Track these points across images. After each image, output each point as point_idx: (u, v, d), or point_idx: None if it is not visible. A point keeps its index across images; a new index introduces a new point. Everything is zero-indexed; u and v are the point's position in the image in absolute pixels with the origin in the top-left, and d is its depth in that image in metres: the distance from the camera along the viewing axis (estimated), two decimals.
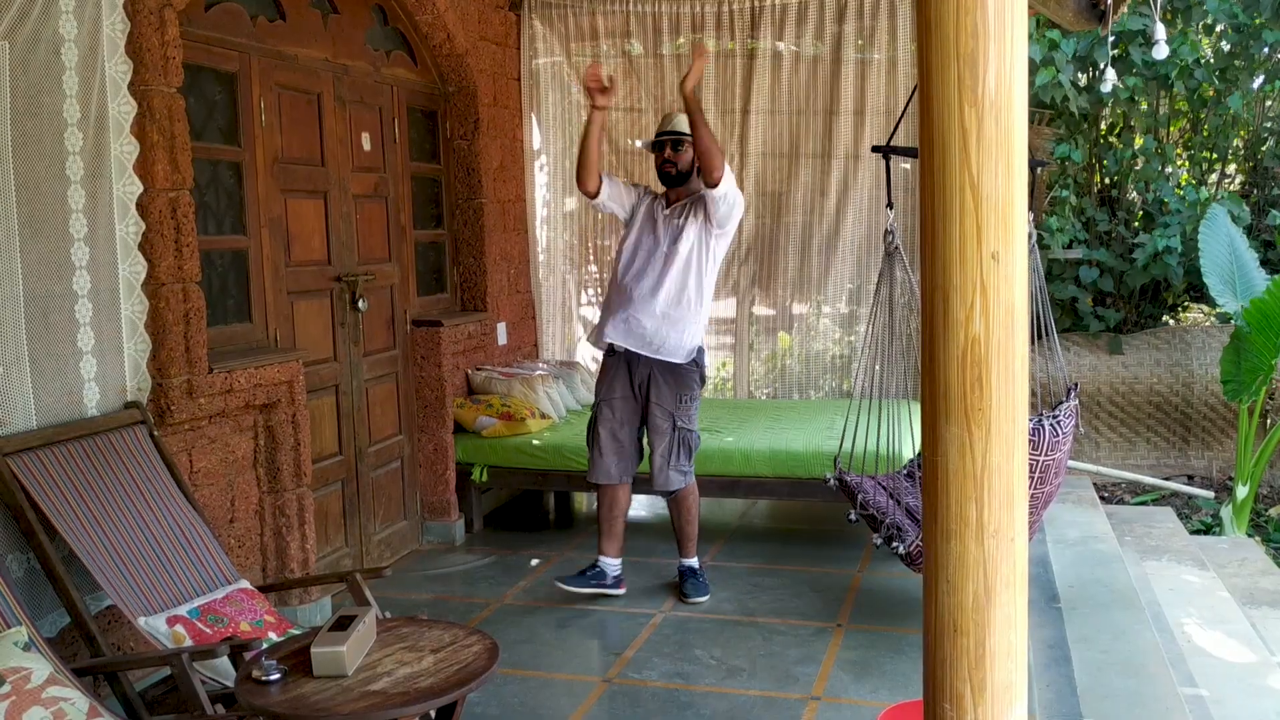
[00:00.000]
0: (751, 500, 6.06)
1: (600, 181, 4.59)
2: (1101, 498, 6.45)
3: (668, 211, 4.59)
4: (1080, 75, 7.08)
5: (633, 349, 4.55)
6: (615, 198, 4.67)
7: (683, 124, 4.53)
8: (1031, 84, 6.74)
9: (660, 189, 4.72)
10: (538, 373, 6.07)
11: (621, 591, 4.71)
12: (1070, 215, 7.08)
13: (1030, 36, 6.55)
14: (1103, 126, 7.74)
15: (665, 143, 4.57)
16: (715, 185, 4.35)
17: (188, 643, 3.11)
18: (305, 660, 2.66)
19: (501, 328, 6.22)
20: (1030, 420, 3.87)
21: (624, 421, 4.64)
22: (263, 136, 4.37)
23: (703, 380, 4.69)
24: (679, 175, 4.58)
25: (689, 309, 4.55)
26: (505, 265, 6.25)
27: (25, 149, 3.17)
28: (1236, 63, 7.24)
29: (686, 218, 4.53)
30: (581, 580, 4.66)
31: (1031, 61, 6.68)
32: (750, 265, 6.66)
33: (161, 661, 2.93)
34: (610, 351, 4.65)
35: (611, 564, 4.71)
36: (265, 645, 3.07)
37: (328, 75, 4.79)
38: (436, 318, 5.54)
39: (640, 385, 4.62)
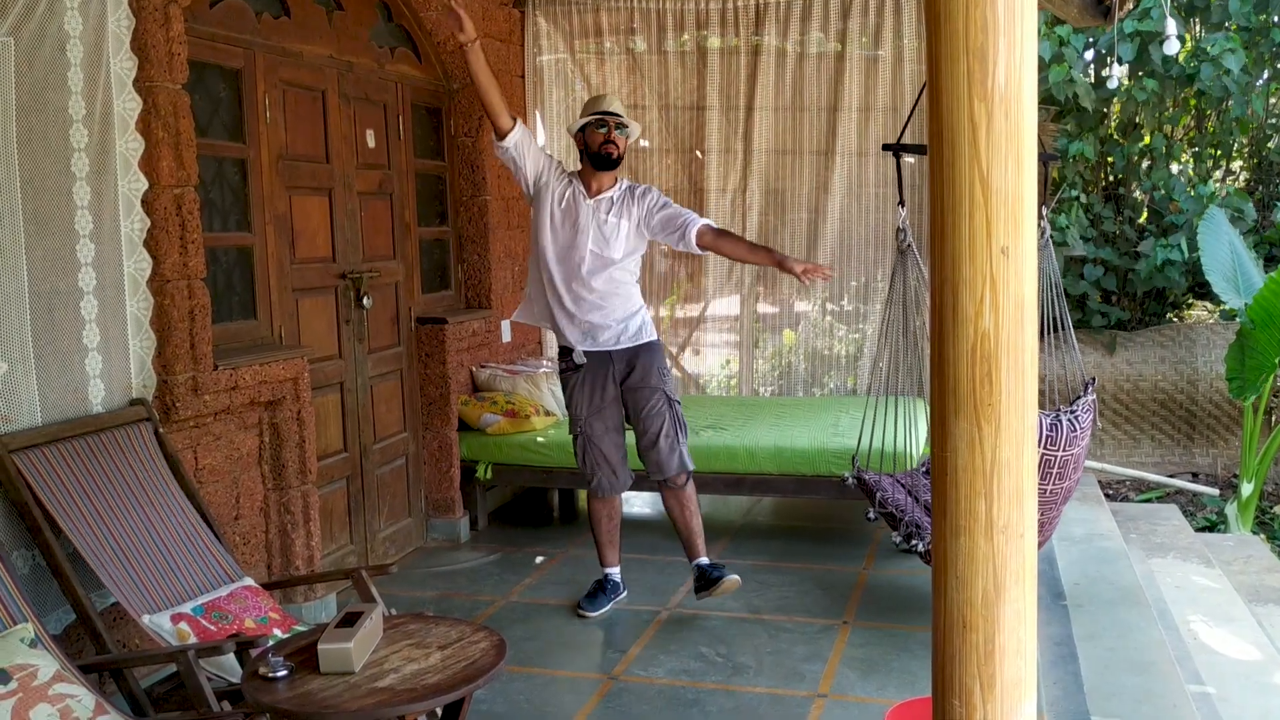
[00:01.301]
0: (756, 498, 6.05)
1: (513, 125, 4.24)
2: (1106, 495, 6.45)
3: (592, 203, 4.29)
4: (1089, 72, 7.07)
5: (610, 349, 4.36)
6: (522, 149, 4.27)
7: (620, 108, 4.31)
8: (1043, 81, 6.74)
9: (573, 169, 4.45)
10: (542, 370, 6.07)
11: (626, 593, 4.66)
12: (1080, 213, 7.07)
13: (1039, 34, 6.54)
14: (1112, 124, 7.73)
15: (609, 122, 4.22)
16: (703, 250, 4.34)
17: (193, 640, 3.11)
18: (311, 657, 2.65)
19: (505, 325, 6.21)
20: (1048, 415, 3.86)
21: (617, 427, 4.44)
22: (267, 133, 4.36)
23: None
24: (617, 159, 4.28)
25: (633, 293, 4.39)
26: (509, 262, 6.24)
27: (31, 145, 3.17)
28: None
29: (620, 217, 4.29)
30: (604, 601, 4.51)
31: (1041, 59, 6.68)
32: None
33: (168, 658, 2.92)
34: (573, 365, 4.39)
35: (617, 572, 4.62)
36: (271, 642, 3.07)
37: (332, 72, 4.79)
38: (441, 315, 5.54)
39: (622, 379, 4.39)
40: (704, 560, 4.51)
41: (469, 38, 4.07)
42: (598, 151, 4.26)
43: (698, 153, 6.64)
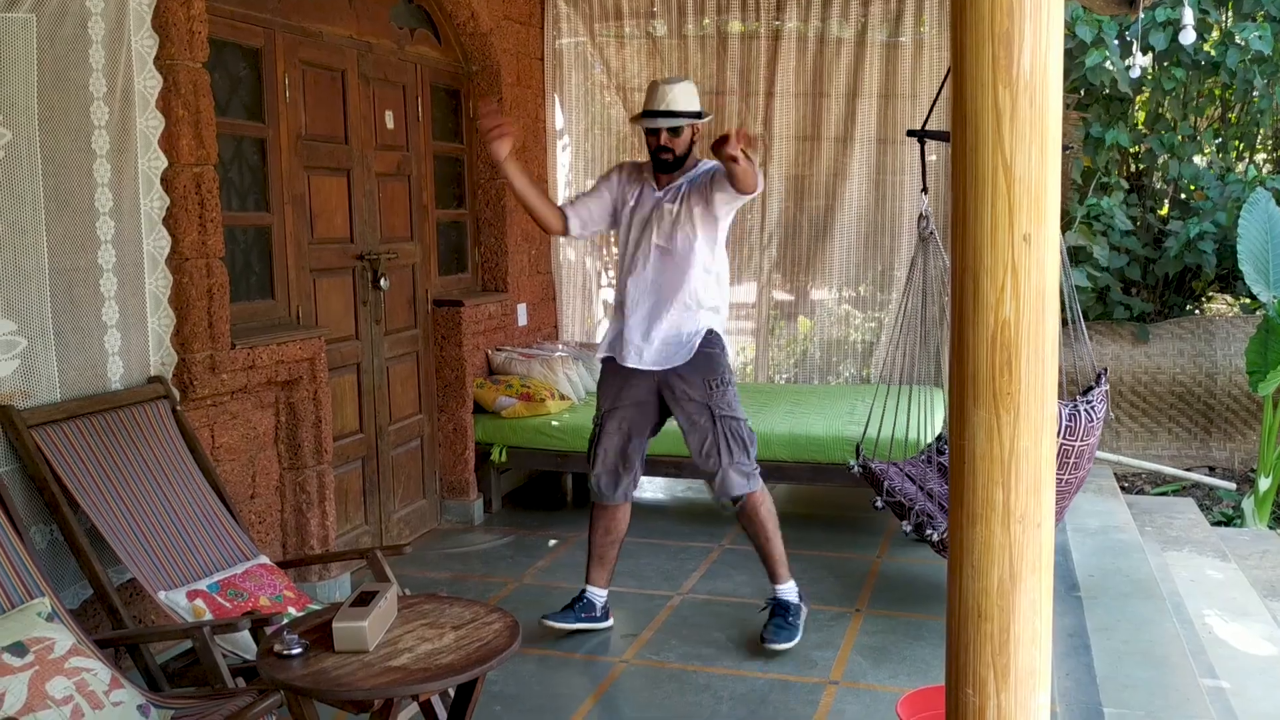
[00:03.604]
0: (770, 484, 6.03)
1: (564, 218, 4.01)
2: (1122, 487, 6.42)
3: (659, 193, 3.96)
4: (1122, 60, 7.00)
5: (649, 369, 3.99)
6: (591, 220, 4.04)
7: (679, 100, 3.87)
8: (1079, 67, 6.67)
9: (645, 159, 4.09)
10: (557, 354, 6.07)
11: (610, 624, 4.22)
12: (1122, 196, 7.01)
13: (1079, 18, 6.47)
14: (1138, 115, 7.67)
15: (661, 129, 3.88)
16: (750, 192, 3.81)
17: (208, 617, 3.13)
18: (326, 635, 2.66)
19: (522, 308, 6.22)
20: (1066, 405, 3.85)
21: (634, 432, 4.05)
22: (287, 113, 4.36)
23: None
24: (676, 160, 3.93)
25: (701, 299, 3.95)
26: (526, 246, 6.24)
27: (52, 123, 3.18)
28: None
29: (680, 201, 3.91)
30: (570, 616, 4.13)
31: (1081, 43, 6.60)
32: (771, 249, 6.63)
33: (183, 634, 2.94)
34: (612, 357, 4.06)
35: (600, 594, 4.19)
36: (285, 620, 3.09)
37: (352, 52, 4.78)
38: (457, 297, 5.54)
39: (657, 389, 4.01)
40: (778, 593, 4.09)
41: (501, 155, 3.77)
42: (655, 157, 3.96)
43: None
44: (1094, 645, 3.87)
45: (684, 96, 3.89)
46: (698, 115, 3.91)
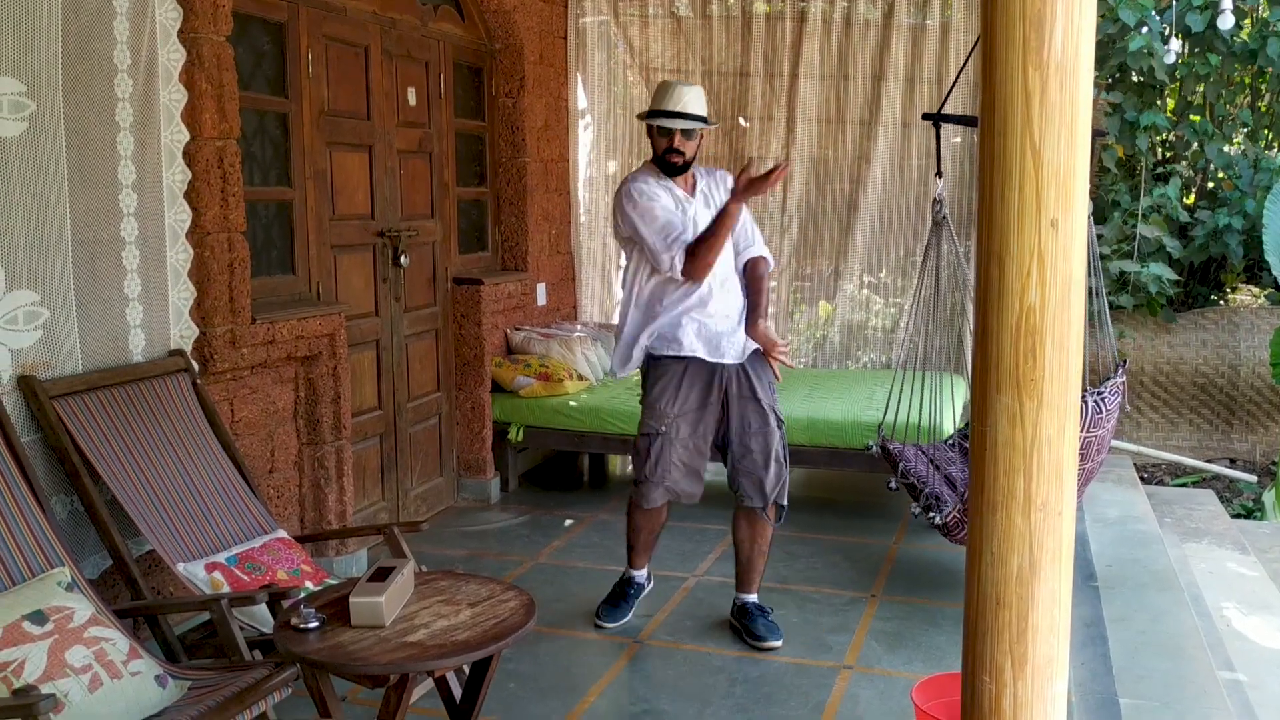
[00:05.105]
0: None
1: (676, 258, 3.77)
2: (1141, 478, 6.38)
3: (682, 195, 3.83)
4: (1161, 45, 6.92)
5: (728, 362, 3.84)
6: (685, 233, 3.76)
7: (694, 104, 3.74)
8: (1120, 54, 6.60)
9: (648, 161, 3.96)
10: (576, 334, 6.07)
11: (652, 583, 4.29)
12: (1179, 183, 6.95)
13: (1121, 1, 6.39)
14: (1169, 102, 7.58)
15: (674, 132, 3.72)
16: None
17: (226, 589, 3.14)
18: (343, 610, 2.68)
19: (541, 288, 6.21)
20: None
21: (705, 435, 3.88)
22: (310, 88, 4.36)
23: None
24: (684, 165, 3.79)
25: (741, 301, 3.92)
26: (547, 226, 6.23)
27: (76, 94, 3.18)
28: None
29: (711, 208, 3.82)
30: (626, 610, 4.09)
31: (1124, 27, 6.53)
32: (792, 232, 6.60)
33: (201, 606, 2.96)
34: (676, 356, 3.84)
35: (643, 574, 4.21)
36: (303, 594, 3.11)
37: (375, 28, 4.77)
38: (477, 276, 5.54)
39: (724, 385, 3.86)
40: (750, 600, 4.02)
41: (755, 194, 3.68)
42: (661, 157, 3.80)
43: (741, 119, 6.58)
44: (1111, 635, 3.85)
45: (697, 100, 3.77)
46: (706, 121, 3.80)
